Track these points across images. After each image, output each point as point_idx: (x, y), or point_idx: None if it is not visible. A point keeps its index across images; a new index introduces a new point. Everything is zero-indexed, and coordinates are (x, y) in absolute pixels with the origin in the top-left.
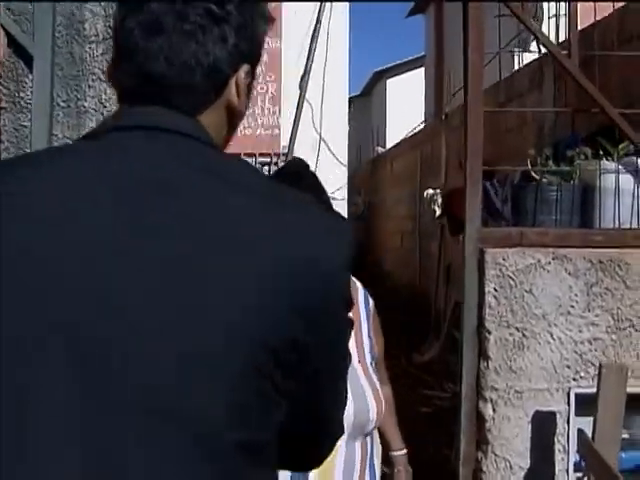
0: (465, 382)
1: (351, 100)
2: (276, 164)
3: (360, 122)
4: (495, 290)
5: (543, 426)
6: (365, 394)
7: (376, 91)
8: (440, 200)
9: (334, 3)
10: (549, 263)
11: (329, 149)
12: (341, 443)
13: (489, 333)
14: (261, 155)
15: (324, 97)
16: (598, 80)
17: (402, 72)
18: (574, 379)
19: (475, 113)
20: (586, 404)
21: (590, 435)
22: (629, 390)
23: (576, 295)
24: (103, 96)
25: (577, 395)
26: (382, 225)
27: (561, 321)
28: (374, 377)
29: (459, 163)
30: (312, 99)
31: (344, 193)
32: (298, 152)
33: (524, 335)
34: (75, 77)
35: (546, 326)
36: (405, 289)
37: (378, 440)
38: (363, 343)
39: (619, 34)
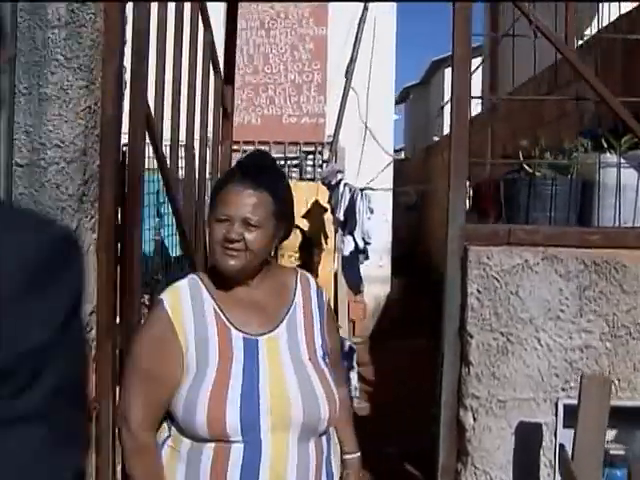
0: (446, 388)
1: (409, 89)
2: (320, 153)
3: (418, 111)
4: (478, 291)
5: (528, 438)
6: (315, 392)
7: (434, 80)
8: (470, 193)
9: None
10: (538, 264)
11: (374, 138)
12: (291, 447)
13: (471, 337)
14: (306, 144)
15: (370, 85)
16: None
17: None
18: (563, 389)
19: (460, 104)
20: (576, 416)
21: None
22: (625, 404)
23: (567, 299)
24: (65, 82)
25: (566, 406)
26: (434, 215)
27: (550, 326)
28: (327, 374)
29: (502, 155)
30: (358, 87)
31: (389, 182)
32: (343, 141)
33: (509, 340)
34: (37, 63)
35: (533, 331)
36: None
37: (336, 440)
38: (314, 338)
39: None
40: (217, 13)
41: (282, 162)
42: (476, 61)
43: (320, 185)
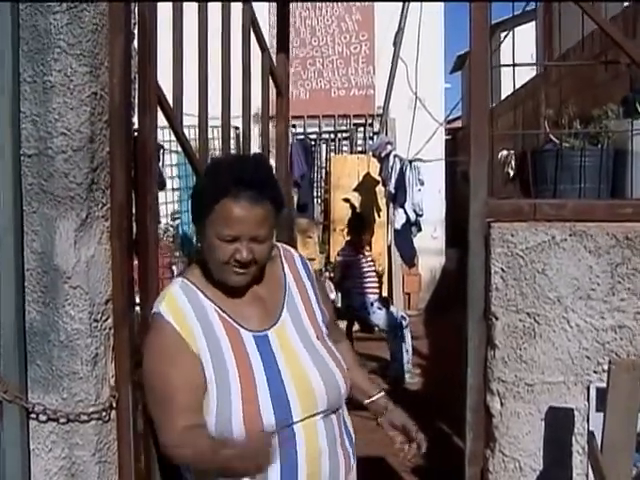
0: (471, 372)
1: (465, 56)
2: (371, 125)
3: None
4: (502, 270)
5: (558, 424)
6: (332, 370)
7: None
8: (513, 162)
9: None
10: (565, 240)
11: (425, 108)
12: (319, 429)
13: (496, 318)
14: (355, 117)
15: (420, 54)
16: None
17: (516, 25)
18: (595, 372)
19: (479, 66)
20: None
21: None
22: None
23: (597, 277)
24: (69, 69)
25: (598, 390)
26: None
27: (579, 306)
28: (333, 348)
29: (555, 122)
30: (407, 57)
31: (441, 152)
32: (393, 112)
33: (536, 321)
34: (40, 51)
35: (562, 312)
36: None
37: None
38: (315, 313)
39: None
40: None
41: (332, 135)
42: (529, 26)
43: (371, 157)
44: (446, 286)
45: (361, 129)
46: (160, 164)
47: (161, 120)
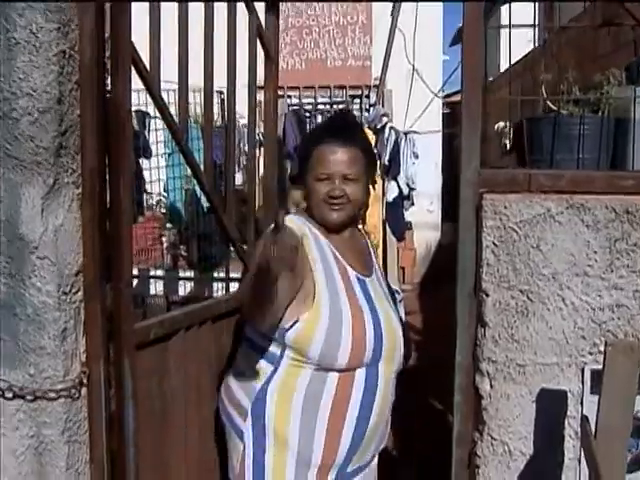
0: (459, 352)
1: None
2: (367, 96)
3: None
4: (494, 245)
5: (550, 407)
6: (403, 335)
7: (490, 19)
8: (511, 134)
9: None
10: (562, 213)
11: (422, 79)
12: (392, 378)
13: (486, 295)
14: (352, 88)
15: (417, 25)
16: None
17: None
18: (590, 353)
19: (473, 28)
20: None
21: (594, 424)
22: None
23: (595, 252)
24: (34, 25)
25: (593, 372)
26: (488, 157)
27: (575, 283)
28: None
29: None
30: (405, 28)
31: (438, 125)
32: (390, 83)
33: (529, 299)
34: (3, 5)
35: (557, 289)
36: None
37: None
38: (387, 293)
39: None
40: None
41: (328, 107)
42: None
43: (367, 129)
44: (441, 261)
45: (357, 100)
46: (146, 131)
47: (139, 84)
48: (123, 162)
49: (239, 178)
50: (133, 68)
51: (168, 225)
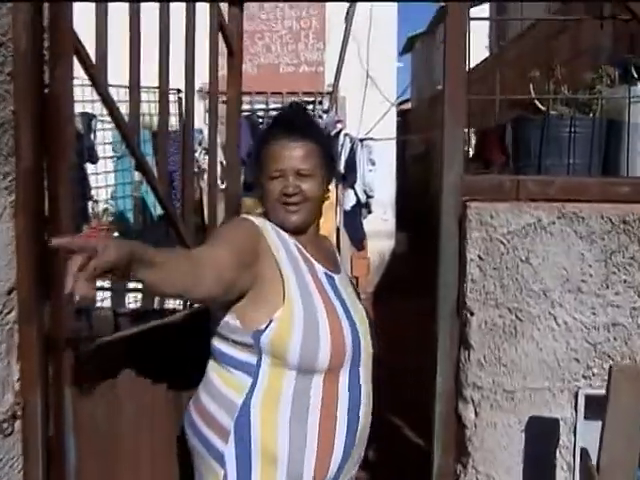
0: (441, 377)
1: (415, 37)
2: (320, 103)
3: (425, 60)
4: (480, 258)
5: (541, 436)
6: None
7: (441, 28)
8: (473, 140)
9: None
10: (553, 223)
11: (376, 86)
12: (369, 380)
13: (471, 314)
14: (305, 94)
15: (372, 31)
16: None
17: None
18: (584, 377)
19: (454, 22)
20: (600, 410)
21: (595, 458)
22: None
23: (590, 266)
24: None
25: (588, 398)
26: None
27: (568, 300)
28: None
29: (511, 101)
30: (359, 34)
31: (393, 132)
32: (344, 90)
33: (518, 318)
34: None
35: (548, 307)
36: None
37: None
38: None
39: None
40: None
41: None
42: (479, 9)
43: None
44: (396, 270)
45: (310, 107)
46: (92, 134)
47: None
48: (63, 165)
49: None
50: (75, 59)
51: (116, 234)
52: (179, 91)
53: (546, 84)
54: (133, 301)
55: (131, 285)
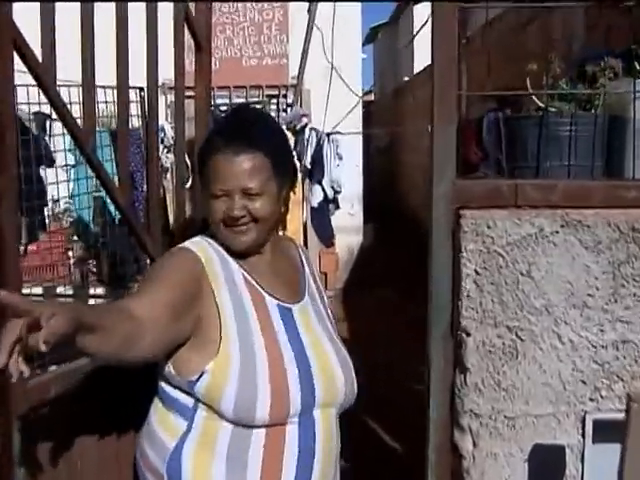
0: (434, 403)
1: (377, 28)
2: (285, 96)
3: (387, 51)
4: (476, 272)
5: (546, 466)
6: (349, 364)
7: (403, 19)
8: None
9: None
10: (557, 232)
11: (341, 78)
12: (334, 423)
13: (467, 334)
14: (268, 87)
15: (335, 22)
16: None
17: None
18: (592, 399)
19: (445, 15)
20: (609, 434)
21: None
22: None
23: (596, 279)
24: None
25: (596, 423)
26: (405, 159)
27: (573, 316)
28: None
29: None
30: (322, 25)
31: (359, 125)
32: (308, 83)
33: (519, 337)
34: None
35: (551, 324)
36: None
37: None
38: (326, 308)
39: None
40: None
41: None
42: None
43: (286, 130)
44: (364, 264)
45: (274, 100)
46: (47, 136)
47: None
48: (5, 176)
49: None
50: (16, 55)
51: (75, 238)
52: (141, 89)
53: (546, 77)
54: None
55: (92, 291)
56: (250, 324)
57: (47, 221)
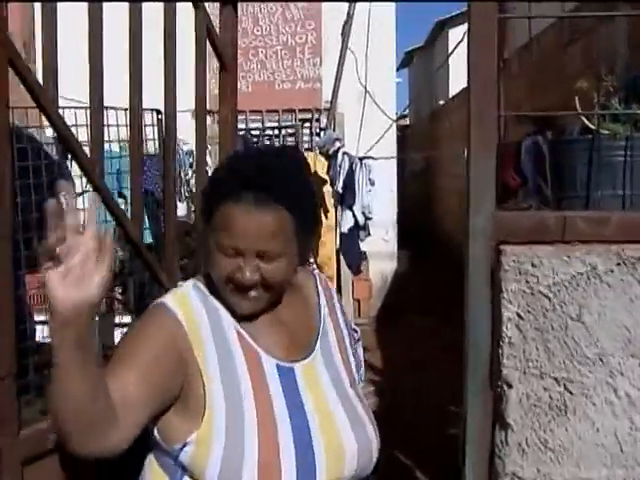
0: (470, 463)
1: (412, 52)
2: (318, 120)
3: (422, 75)
4: (519, 317)
5: None
6: (367, 432)
7: (439, 42)
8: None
9: None
10: (611, 271)
11: (375, 102)
12: None
13: (509, 386)
14: (301, 111)
15: (369, 46)
16: None
17: (465, 21)
18: None
19: (482, 16)
20: None
21: None
22: None
23: None
24: None
25: None
26: (441, 183)
27: (631, 367)
28: (365, 400)
29: (516, 116)
30: (356, 49)
31: (393, 150)
32: (342, 107)
33: (568, 390)
34: None
35: (606, 376)
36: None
37: None
38: (348, 357)
39: None
40: None
41: (276, 131)
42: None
43: (318, 155)
44: (398, 291)
45: (307, 124)
46: (68, 160)
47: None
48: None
49: (182, 208)
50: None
51: None
52: (159, 112)
53: (594, 96)
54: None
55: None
56: (240, 391)
57: None
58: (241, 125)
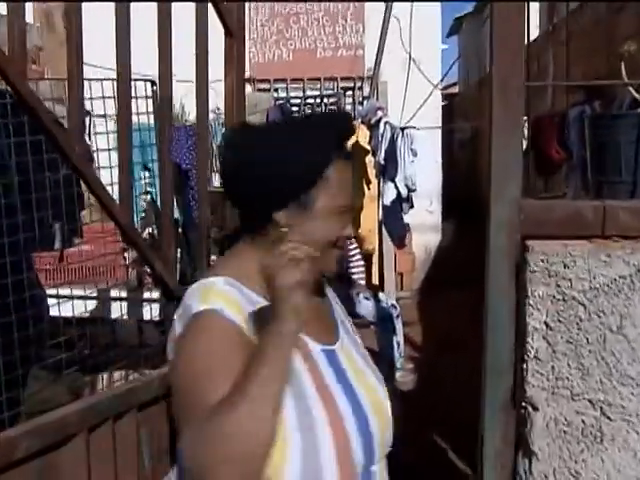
0: None
1: (462, 18)
2: (360, 88)
3: (473, 41)
4: (547, 326)
5: None
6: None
7: (489, 8)
8: (526, 131)
9: None
10: None
11: (420, 70)
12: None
13: (534, 408)
14: (343, 80)
15: (414, 11)
16: None
17: None
18: None
19: None
20: None
21: None
22: None
23: None
24: None
25: None
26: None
27: None
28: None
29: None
30: (400, 14)
31: (438, 119)
32: (385, 75)
33: (605, 414)
34: None
35: None
36: None
37: None
38: (358, 341)
39: None
40: None
41: (318, 100)
42: None
43: (360, 124)
44: (442, 263)
45: (350, 93)
46: (86, 134)
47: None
48: None
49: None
50: None
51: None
52: (153, 84)
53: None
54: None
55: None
56: (301, 380)
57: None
58: (282, 94)
